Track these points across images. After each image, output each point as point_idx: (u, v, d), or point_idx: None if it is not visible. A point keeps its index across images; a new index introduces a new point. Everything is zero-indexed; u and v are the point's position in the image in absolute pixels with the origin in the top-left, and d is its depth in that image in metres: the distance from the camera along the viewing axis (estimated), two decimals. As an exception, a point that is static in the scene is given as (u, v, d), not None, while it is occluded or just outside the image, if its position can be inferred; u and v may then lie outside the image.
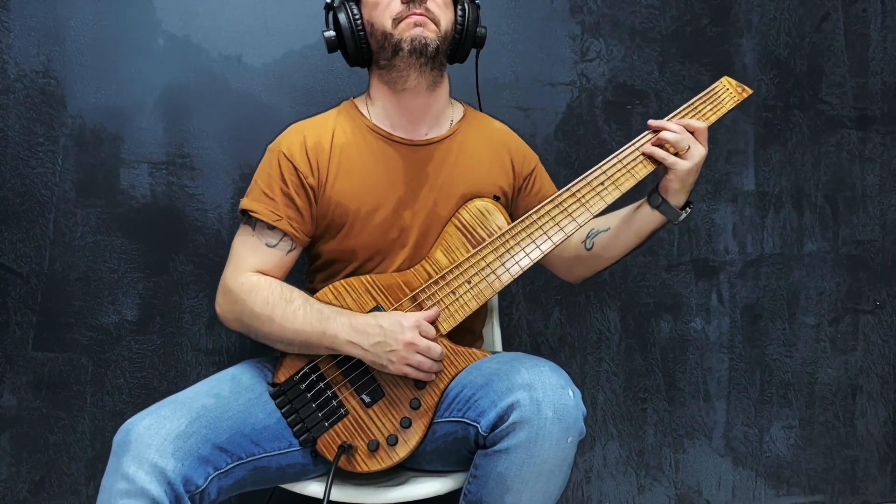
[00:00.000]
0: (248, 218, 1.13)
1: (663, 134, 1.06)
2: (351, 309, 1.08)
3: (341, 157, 1.14)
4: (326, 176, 1.13)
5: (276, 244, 1.11)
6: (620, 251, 1.17)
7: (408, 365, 1.01)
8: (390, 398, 1.05)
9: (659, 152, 1.06)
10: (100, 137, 1.44)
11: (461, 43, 1.16)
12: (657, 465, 1.71)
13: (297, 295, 1.07)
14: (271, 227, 1.11)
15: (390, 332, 1.01)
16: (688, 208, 1.10)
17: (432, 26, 1.09)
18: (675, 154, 1.06)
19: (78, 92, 1.43)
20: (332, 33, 1.16)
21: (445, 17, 1.12)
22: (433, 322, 1.05)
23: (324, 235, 1.15)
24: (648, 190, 1.12)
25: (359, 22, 1.12)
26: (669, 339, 1.71)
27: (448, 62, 1.19)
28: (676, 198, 1.08)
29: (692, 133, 1.07)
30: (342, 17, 1.13)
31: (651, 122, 1.09)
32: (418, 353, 1.01)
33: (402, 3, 1.08)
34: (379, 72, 1.16)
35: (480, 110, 1.30)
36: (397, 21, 1.08)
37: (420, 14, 1.08)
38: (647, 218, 1.12)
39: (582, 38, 1.65)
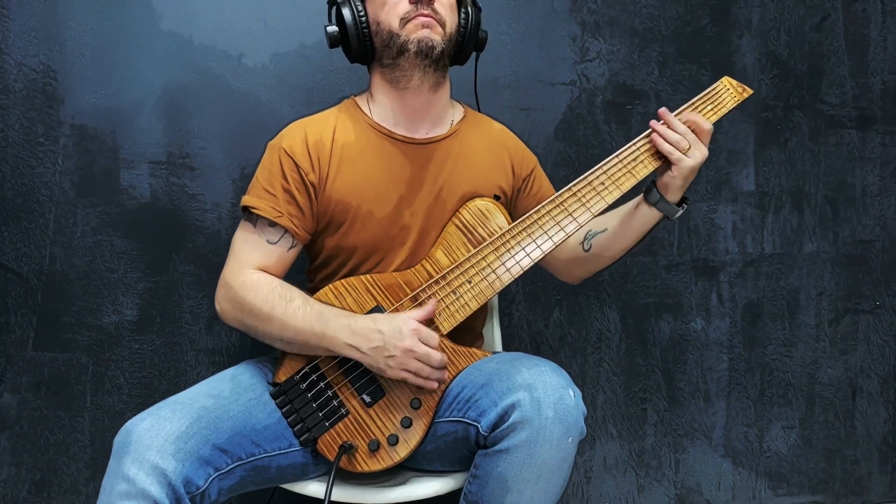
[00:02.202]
0: (248, 214, 1.12)
1: (667, 133, 1.05)
2: (352, 309, 1.08)
3: (342, 154, 1.14)
4: (327, 173, 1.12)
5: (277, 241, 1.11)
6: (619, 250, 1.17)
7: (406, 370, 1.01)
8: (391, 398, 1.05)
9: (666, 146, 1.05)
10: (100, 137, 1.44)
11: (463, 46, 1.16)
12: (657, 465, 1.71)
13: (297, 294, 1.07)
14: (272, 224, 1.11)
15: (389, 338, 1.00)
16: (684, 204, 1.11)
17: (439, 28, 1.09)
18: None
19: (78, 92, 1.43)
20: (334, 28, 1.15)
21: (451, 20, 1.12)
22: (432, 319, 1.06)
23: (324, 232, 1.15)
24: (644, 188, 1.12)
25: (363, 18, 1.12)
26: (669, 339, 1.71)
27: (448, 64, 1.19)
28: (674, 195, 1.08)
29: (698, 133, 1.06)
30: (346, 12, 1.12)
31: (663, 111, 1.07)
32: (416, 359, 1.00)
33: (410, 3, 1.08)
34: (381, 70, 1.15)
35: (479, 111, 1.30)
36: (405, 21, 1.08)
37: (428, 15, 1.08)
38: (645, 216, 1.11)
39: (582, 38, 1.65)
